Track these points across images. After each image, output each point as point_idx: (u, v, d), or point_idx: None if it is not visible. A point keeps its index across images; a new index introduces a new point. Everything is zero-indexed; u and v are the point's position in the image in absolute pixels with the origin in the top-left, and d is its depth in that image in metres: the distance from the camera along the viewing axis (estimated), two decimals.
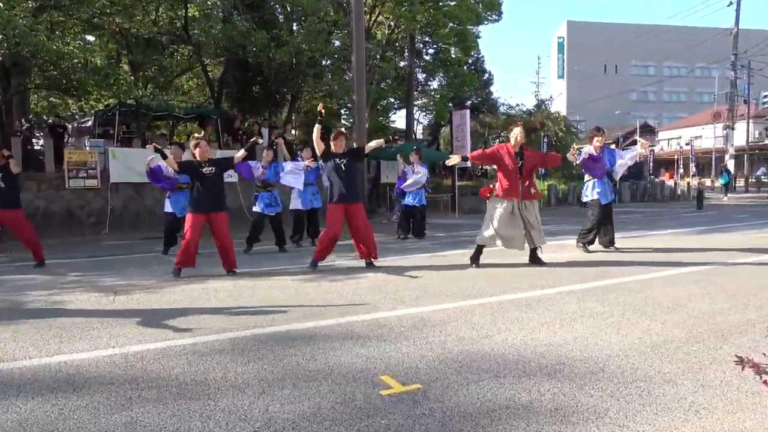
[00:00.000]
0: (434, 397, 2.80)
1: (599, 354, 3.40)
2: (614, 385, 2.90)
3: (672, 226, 12.83)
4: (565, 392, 2.82)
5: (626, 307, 4.57)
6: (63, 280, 6.83)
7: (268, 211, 9.08)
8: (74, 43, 14.58)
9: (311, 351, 3.58)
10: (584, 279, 5.86)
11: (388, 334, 3.93)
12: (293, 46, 17.82)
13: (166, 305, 5.12)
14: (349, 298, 5.21)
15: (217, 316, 4.59)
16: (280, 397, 2.84)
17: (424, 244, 9.89)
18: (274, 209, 9.12)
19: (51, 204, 13.48)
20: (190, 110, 20.77)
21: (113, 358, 3.55)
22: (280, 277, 6.58)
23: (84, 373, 3.28)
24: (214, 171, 6.76)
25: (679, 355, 3.35)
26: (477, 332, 3.93)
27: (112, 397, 2.90)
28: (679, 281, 5.68)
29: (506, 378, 3.03)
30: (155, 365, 3.38)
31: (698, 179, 35.01)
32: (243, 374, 3.19)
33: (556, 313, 4.42)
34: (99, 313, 4.86)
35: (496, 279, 6.04)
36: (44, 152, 14.44)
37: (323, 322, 4.30)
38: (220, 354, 3.58)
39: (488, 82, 36.78)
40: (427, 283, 5.86)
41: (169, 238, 8.92)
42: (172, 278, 6.52)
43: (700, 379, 2.97)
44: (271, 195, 9.14)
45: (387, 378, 3.07)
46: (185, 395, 2.90)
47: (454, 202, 19.69)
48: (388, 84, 26.02)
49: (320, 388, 2.95)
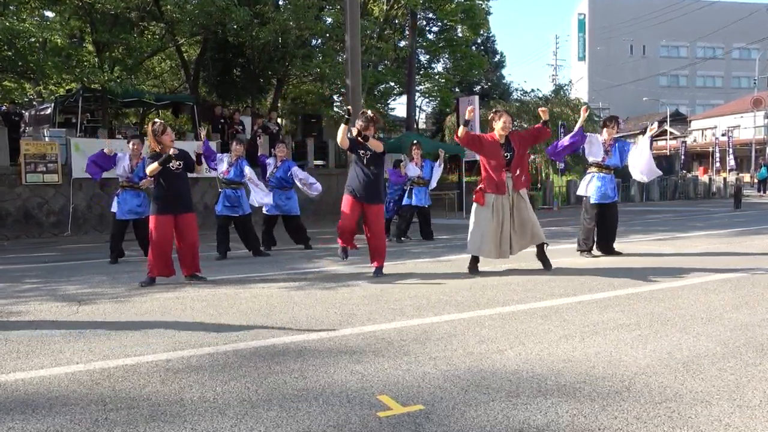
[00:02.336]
0: (438, 419, 2.82)
1: (624, 371, 3.42)
2: (641, 406, 2.91)
3: (706, 227, 12.87)
4: (585, 414, 2.84)
5: (654, 318, 4.59)
6: (19, 288, 6.83)
7: (231, 213, 8.94)
8: (31, 20, 14.57)
9: (300, 368, 3.59)
10: (607, 287, 5.88)
11: (386, 349, 3.94)
12: (279, 23, 17.82)
13: (136, 317, 5.13)
14: (342, 308, 5.23)
15: (193, 329, 4.59)
16: (266, 420, 2.85)
17: (427, 248, 9.92)
18: (237, 210, 8.98)
19: (4, 202, 13.48)
20: (162, 96, 20.77)
21: (77, 375, 3.55)
22: (264, 284, 6.59)
23: (44, 393, 3.28)
24: (181, 165, 6.63)
25: (713, 372, 3.37)
26: (487, 346, 3.94)
27: (75, 419, 2.91)
28: (714, 289, 5.71)
29: (519, 398, 3.05)
30: (124, 384, 3.39)
31: (736, 174, 35.06)
32: (223, 394, 3.21)
33: (576, 325, 4.43)
34: (61, 325, 4.86)
35: (509, 286, 6.06)
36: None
37: (313, 336, 4.31)
38: (198, 371, 3.59)
39: (499, 64, 36.89)
40: (431, 292, 5.88)
41: (114, 245, 8.68)
42: (143, 288, 6.52)
43: (736, 399, 2.98)
44: (235, 193, 9.00)
45: (385, 398, 3.08)
46: (158, 417, 2.91)
47: (461, 200, 19.72)
48: (387, 67, 26.06)
49: (310, 410, 2.96)
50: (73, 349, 4.10)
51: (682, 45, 72.82)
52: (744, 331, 4.19)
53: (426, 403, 3.00)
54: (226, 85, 22.24)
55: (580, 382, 3.24)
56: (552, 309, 4.99)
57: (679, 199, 28.72)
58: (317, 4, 19.26)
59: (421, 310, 5.03)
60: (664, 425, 2.70)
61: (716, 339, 4.00)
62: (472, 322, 4.61)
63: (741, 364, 3.48)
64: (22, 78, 18.54)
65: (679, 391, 3.09)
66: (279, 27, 17.89)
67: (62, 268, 8.43)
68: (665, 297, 5.38)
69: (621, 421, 2.74)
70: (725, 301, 5.13)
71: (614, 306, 5.04)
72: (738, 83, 70.93)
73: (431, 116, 38.41)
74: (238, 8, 16.74)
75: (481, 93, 29.92)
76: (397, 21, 26.09)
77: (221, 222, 8.94)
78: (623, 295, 5.47)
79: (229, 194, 8.94)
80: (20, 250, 10.85)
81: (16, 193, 13.58)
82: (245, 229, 9.05)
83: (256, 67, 20.64)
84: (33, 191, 13.72)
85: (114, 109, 20.57)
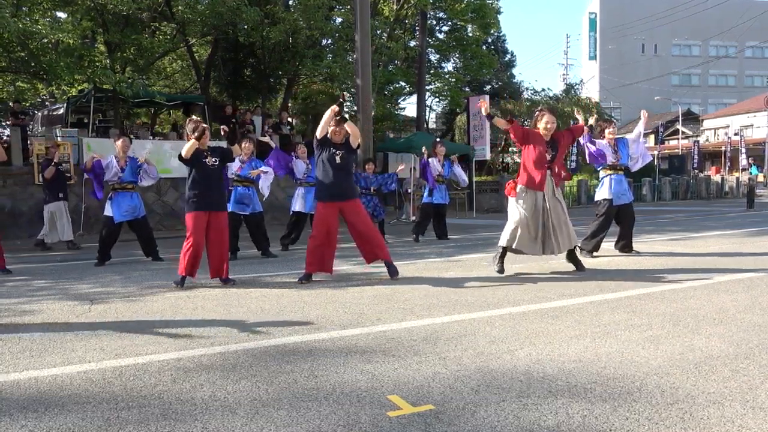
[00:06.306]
0: (448, 419, 2.81)
1: (635, 372, 3.40)
2: (652, 407, 2.90)
3: (718, 227, 12.78)
4: (596, 414, 2.83)
5: (666, 319, 4.56)
6: (32, 286, 6.89)
7: (240, 210, 8.90)
8: (43, 21, 14.70)
9: (310, 367, 3.60)
10: (619, 287, 5.85)
11: (396, 349, 3.94)
12: (289, 23, 17.87)
13: (148, 316, 5.16)
14: (352, 308, 5.23)
15: (204, 328, 4.62)
16: (276, 419, 2.86)
17: (437, 248, 9.91)
18: (247, 209, 8.95)
19: (18, 201, 13.59)
20: (173, 96, 20.87)
21: (89, 374, 3.58)
22: (274, 284, 6.61)
23: (57, 391, 3.31)
24: (216, 162, 6.57)
25: (725, 373, 3.34)
26: (497, 347, 3.94)
27: (87, 417, 2.93)
28: (727, 289, 5.67)
29: (530, 398, 3.04)
30: (136, 382, 3.42)
31: (749, 174, 34.80)
32: (234, 393, 3.22)
33: (587, 326, 4.42)
34: (73, 324, 4.90)
35: (520, 286, 6.05)
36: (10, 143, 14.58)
37: (323, 335, 4.32)
38: (209, 370, 3.61)
39: (510, 64, 36.80)
40: (441, 292, 5.87)
41: (106, 248, 8.56)
42: (154, 286, 6.57)
43: (749, 400, 2.96)
44: (247, 191, 8.97)
45: (395, 398, 3.08)
46: (169, 416, 2.93)
47: (471, 199, 19.70)
48: (397, 66, 26.04)
49: (320, 409, 2.96)
50: (86, 347, 4.14)
51: (694, 44, 72.19)
52: (757, 331, 4.16)
53: (436, 403, 3.00)
54: (236, 85, 22.32)
55: (591, 383, 3.23)
56: (563, 309, 4.97)
57: (692, 198, 28.50)
58: (327, 4, 19.30)
59: (431, 310, 5.03)
60: (676, 426, 2.68)
61: (729, 340, 3.97)
62: (482, 322, 4.60)
63: (754, 365, 3.45)
64: (35, 78, 18.73)
65: (691, 392, 3.07)
66: (289, 27, 17.94)
67: (74, 267, 8.49)
68: (677, 297, 5.34)
69: (632, 422, 2.73)
70: (738, 302, 5.09)
71: (625, 306, 5.02)
72: (751, 82, 70.28)
73: (441, 116, 38.36)
74: (249, 8, 16.79)
75: (491, 92, 29.83)
76: (407, 20, 26.08)
77: (230, 219, 8.92)
78: (634, 296, 5.44)
79: (241, 192, 8.91)
80: (33, 249, 10.95)
81: (29, 192, 13.69)
82: (258, 228, 9.06)
83: (267, 67, 20.69)
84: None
85: (125, 109, 20.68)
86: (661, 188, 28.26)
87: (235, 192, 8.95)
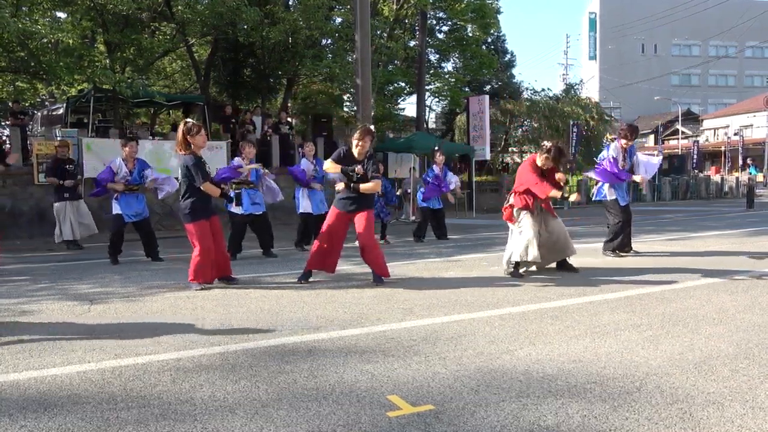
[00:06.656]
0: (448, 419, 2.82)
1: (635, 372, 3.40)
2: (652, 407, 2.90)
3: (718, 227, 12.78)
4: (596, 414, 2.83)
5: (665, 319, 4.56)
6: (32, 287, 6.89)
7: (255, 210, 8.93)
8: (43, 21, 14.69)
9: (310, 367, 3.60)
10: (618, 287, 5.85)
11: (396, 349, 3.94)
12: (289, 23, 17.86)
13: (147, 316, 5.16)
14: (352, 308, 5.24)
15: (204, 328, 4.62)
16: (276, 419, 2.86)
17: (437, 248, 9.91)
18: (260, 208, 8.99)
19: (18, 201, 13.59)
20: (173, 96, 20.86)
21: (88, 374, 3.58)
22: (273, 284, 6.61)
23: (56, 392, 3.31)
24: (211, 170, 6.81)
25: (725, 373, 3.34)
26: (497, 347, 3.94)
27: (87, 417, 2.93)
28: (726, 289, 5.67)
29: (529, 398, 3.04)
30: (135, 383, 3.41)
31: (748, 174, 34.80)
32: (234, 393, 3.22)
33: (587, 326, 4.42)
34: (73, 324, 4.90)
35: (519, 287, 6.05)
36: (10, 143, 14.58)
37: (323, 335, 4.32)
38: (208, 370, 3.61)
39: (510, 64, 36.76)
40: (440, 292, 5.87)
41: (117, 246, 8.72)
42: (153, 286, 6.57)
43: (749, 400, 2.96)
44: (255, 192, 8.98)
45: (395, 398, 3.08)
46: (169, 416, 2.93)
47: (471, 199, 19.71)
48: (397, 66, 26.04)
49: (320, 409, 2.97)
50: (85, 348, 4.13)
51: (694, 43, 72.22)
52: (757, 331, 4.16)
53: (436, 403, 3.00)
54: (236, 85, 22.31)
55: (591, 383, 3.23)
56: (562, 309, 4.97)
57: (691, 198, 28.52)
58: (327, 4, 19.29)
59: (431, 310, 5.03)
60: (675, 426, 2.68)
61: (728, 340, 3.97)
62: (482, 322, 4.60)
63: (754, 365, 3.45)
64: (35, 78, 18.70)
65: (691, 393, 3.07)
66: (289, 27, 17.93)
67: (74, 267, 8.49)
68: (677, 297, 5.35)
69: (632, 422, 2.73)
70: (737, 302, 5.09)
71: (625, 306, 5.02)
72: (751, 82, 70.34)
73: (441, 116, 38.34)
74: (249, 8, 16.78)
75: (491, 92, 29.78)
76: (407, 20, 26.06)
77: (244, 220, 8.93)
78: (634, 296, 5.44)
79: (250, 193, 8.98)
80: (33, 250, 10.94)
81: (29, 192, 13.68)
82: (265, 227, 9.09)
83: (267, 67, 20.68)
84: (46, 191, 13.80)
85: (125, 109, 20.68)
86: (661, 188, 28.27)
87: (246, 193, 8.98)
